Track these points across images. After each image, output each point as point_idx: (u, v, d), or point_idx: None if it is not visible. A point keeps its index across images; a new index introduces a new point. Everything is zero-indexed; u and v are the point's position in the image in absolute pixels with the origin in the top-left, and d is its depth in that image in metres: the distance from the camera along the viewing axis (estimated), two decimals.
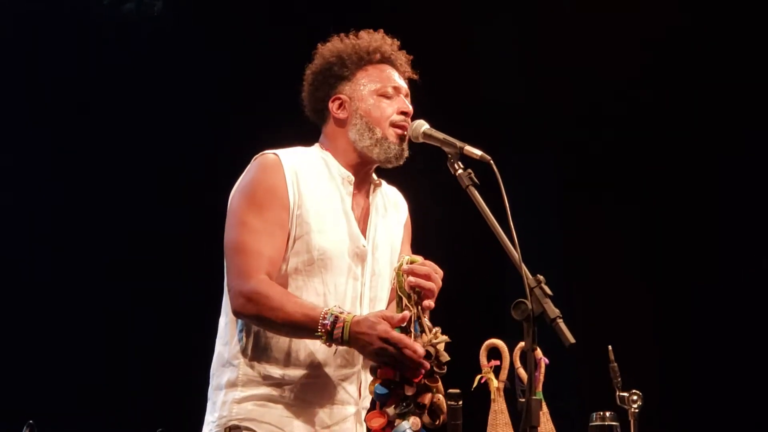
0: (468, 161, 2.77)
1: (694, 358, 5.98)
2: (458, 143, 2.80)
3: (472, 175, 2.75)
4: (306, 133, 3.13)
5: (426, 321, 2.73)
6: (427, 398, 2.71)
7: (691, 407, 5.90)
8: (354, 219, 2.97)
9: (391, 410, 2.69)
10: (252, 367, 2.84)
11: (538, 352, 2.79)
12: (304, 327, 2.71)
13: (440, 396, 2.74)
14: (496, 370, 3.03)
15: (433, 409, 2.73)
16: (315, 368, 2.85)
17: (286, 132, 3.14)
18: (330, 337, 2.69)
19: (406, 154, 3.00)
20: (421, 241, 3.27)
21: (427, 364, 2.67)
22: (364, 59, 3.03)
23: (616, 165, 6.09)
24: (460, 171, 2.76)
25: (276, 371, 2.84)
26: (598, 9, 5.67)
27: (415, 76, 3.12)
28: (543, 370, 2.99)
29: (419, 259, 2.80)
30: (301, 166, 2.92)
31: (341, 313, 2.71)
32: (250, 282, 2.77)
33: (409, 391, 2.68)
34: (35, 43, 5.50)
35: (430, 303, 2.75)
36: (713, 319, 5.97)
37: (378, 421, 2.70)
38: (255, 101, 5.54)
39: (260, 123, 5.13)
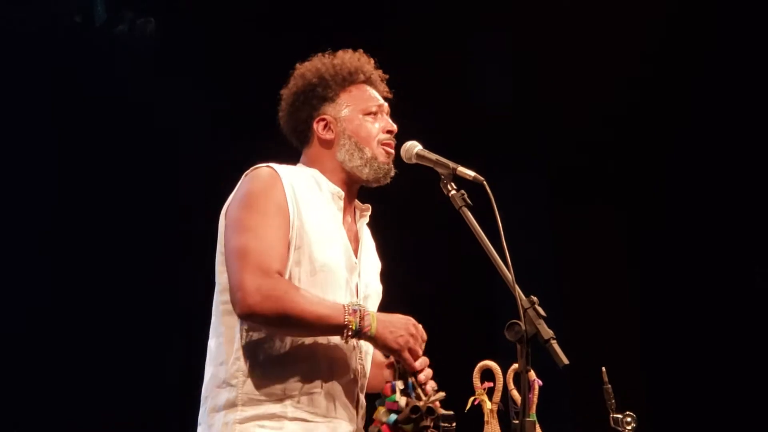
0: (461, 182, 2.77)
1: (688, 381, 5.98)
2: (451, 164, 2.80)
3: (465, 196, 2.75)
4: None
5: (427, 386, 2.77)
6: None
7: (685, 429, 5.88)
8: (345, 234, 2.97)
9: None
10: (252, 385, 2.79)
11: (532, 374, 2.78)
12: (328, 320, 2.71)
13: None
14: (490, 392, 3.03)
15: None
16: (316, 381, 2.82)
17: (283, 141, 3.13)
18: (358, 329, 2.70)
19: (393, 173, 3.00)
20: (415, 261, 3.27)
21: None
22: (347, 80, 3.02)
23: (609, 183, 6.10)
24: (453, 192, 2.76)
25: (277, 386, 2.80)
26: (592, 27, 5.69)
27: (390, 95, 3.12)
28: (537, 391, 2.98)
29: None
30: (295, 178, 2.90)
31: (360, 306, 2.76)
32: (267, 279, 2.72)
33: None
34: (30, 51, 5.51)
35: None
36: (707, 340, 5.97)
37: None
38: (252, 111, 5.55)
39: (258, 132, 5.13)
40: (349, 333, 2.71)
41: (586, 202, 6.16)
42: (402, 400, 2.72)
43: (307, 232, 2.85)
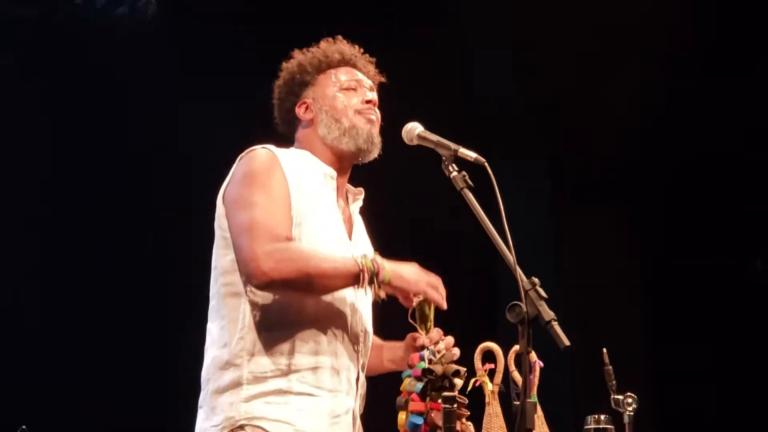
0: (462, 163, 2.77)
1: (688, 361, 5.98)
2: (452, 146, 2.80)
3: (467, 177, 2.75)
4: None
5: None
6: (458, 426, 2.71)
7: (686, 410, 5.90)
8: (340, 216, 2.98)
9: None
10: (257, 363, 2.80)
11: (533, 355, 2.78)
12: (344, 269, 2.76)
13: (469, 425, 2.76)
14: (491, 374, 3.03)
15: None
16: (320, 356, 2.84)
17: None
18: (374, 272, 2.76)
19: (377, 141, 3.01)
20: (416, 243, 3.27)
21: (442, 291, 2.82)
22: (324, 62, 3.07)
23: (610, 167, 6.09)
24: (454, 173, 2.76)
25: (282, 361, 2.81)
26: (596, 13, 5.67)
27: (382, 78, 3.13)
28: (538, 373, 2.98)
29: None
30: (290, 159, 2.93)
31: (365, 255, 2.82)
32: (278, 244, 2.75)
33: (440, 420, 2.67)
34: (31, 47, 5.51)
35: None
36: (708, 321, 5.97)
37: None
38: (252, 101, 5.55)
39: (255, 122, 5.14)
40: (366, 277, 2.75)
41: (587, 186, 6.16)
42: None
43: (304, 212, 2.86)
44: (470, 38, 6.06)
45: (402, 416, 2.73)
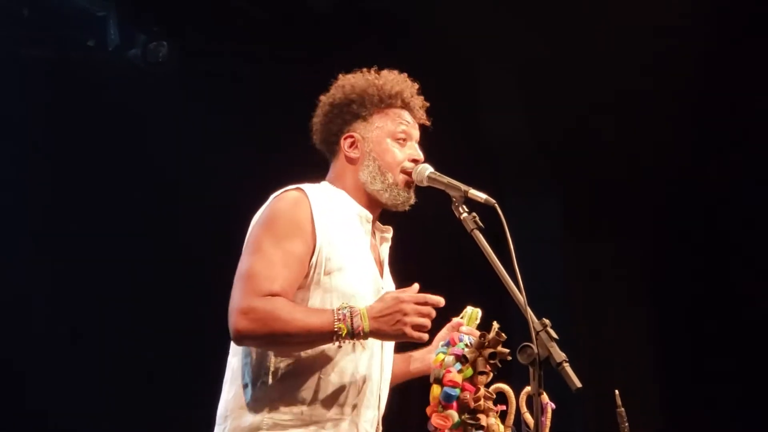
0: (473, 205, 2.77)
1: (702, 403, 5.94)
2: (463, 187, 2.80)
3: (477, 218, 2.75)
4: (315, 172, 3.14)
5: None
6: (484, 420, 2.73)
7: None
8: (373, 259, 2.96)
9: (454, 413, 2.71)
10: (278, 409, 2.78)
11: (545, 397, 2.77)
12: (318, 330, 2.66)
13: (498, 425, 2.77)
14: (502, 415, 3.01)
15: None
16: (342, 408, 2.83)
17: (294, 168, 3.13)
18: (350, 332, 2.64)
19: (412, 200, 3.00)
20: (425, 283, 3.26)
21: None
22: (384, 102, 3.02)
23: (620, 204, 6.09)
24: (464, 215, 2.77)
25: (304, 413, 2.79)
26: (607, 51, 5.68)
27: (427, 123, 3.10)
28: (549, 415, 2.97)
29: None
30: (325, 201, 2.89)
31: (353, 306, 2.69)
32: (258, 302, 2.69)
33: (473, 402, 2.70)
34: (47, 89, 5.56)
35: None
36: (722, 361, 5.94)
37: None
38: (263, 134, 5.58)
39: (270, 160, 5.17)
40: (341, 338, 2.66)
41: (598, 227, 6.15)
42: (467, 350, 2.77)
43: (340, 259, 2.83)
44: (481, 76, 6.08)
45: (437, 389, 2.73)
